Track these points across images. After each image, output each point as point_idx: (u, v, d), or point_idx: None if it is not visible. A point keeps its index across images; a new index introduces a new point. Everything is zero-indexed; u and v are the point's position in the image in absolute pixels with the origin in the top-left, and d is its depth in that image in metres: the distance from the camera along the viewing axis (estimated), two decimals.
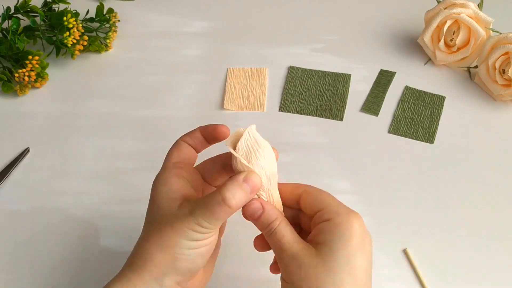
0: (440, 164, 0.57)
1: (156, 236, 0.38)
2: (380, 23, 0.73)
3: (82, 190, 0.57)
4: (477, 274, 0.50)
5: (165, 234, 0.37)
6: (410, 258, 0.51)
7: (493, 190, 0.56)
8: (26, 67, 0.63)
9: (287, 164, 0.59)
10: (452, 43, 0.65)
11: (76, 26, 0.64)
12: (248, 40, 0.71)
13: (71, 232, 0.54)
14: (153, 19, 0.73)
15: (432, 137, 0.61)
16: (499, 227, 0.54)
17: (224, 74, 0.67)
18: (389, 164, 0.58)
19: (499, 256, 0.51)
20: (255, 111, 0.63)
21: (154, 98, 0.65)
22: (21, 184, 0.58)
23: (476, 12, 0.64)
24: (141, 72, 0.67)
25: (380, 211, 0.55)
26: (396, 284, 0.50)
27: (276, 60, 0.68)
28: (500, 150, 0.60)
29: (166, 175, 0.40)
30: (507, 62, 0.61)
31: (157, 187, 0.40)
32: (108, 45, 0.68)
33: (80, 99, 0.65)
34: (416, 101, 0.64)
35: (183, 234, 0.37)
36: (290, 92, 0.65)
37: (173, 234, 0.37)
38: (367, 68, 0.67)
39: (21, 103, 0.64)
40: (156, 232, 0.38)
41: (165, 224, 0.38)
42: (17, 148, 0.60)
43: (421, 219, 0.54)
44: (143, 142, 0.61)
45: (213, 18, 0.73)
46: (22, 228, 0.54)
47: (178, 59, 0.69)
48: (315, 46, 0.70)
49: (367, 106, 0.64)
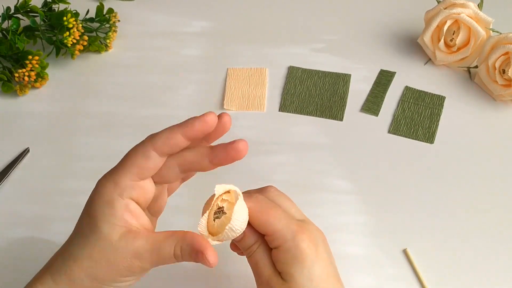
0: (440, 164, 0.57)
1: (87, 264, 0.35)
2: (380, 23, 0.73)
3: (82, 190, 0.57)
4: (477, 274, 0.50)
5: (98, 267, 0.35)
6: (410, 258, 0.51)
7: (493, 190, 0.56)
8: (26, 67, 0.63)
9: (286, 165, 0.59)
10: (452, 43, 0.65)
11: (76, 26, 0.64)
12: (248, 40, 0.71)
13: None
14: (153, 19, 0.73)
15: (432, 137, 0.61)
16: (499, 227, 0.53)
17: (224, 74, 0.67)
18: (389, 164, 0.58)
19: (499, 256, 0.51)
20: (255, 111, 0.63)
21: (154, 98, 0.65)
22: (21, 184, 0.58)
23: (476, 12, 0.64)
24: (141, 72, 0.67)
25: (380, 211, 0.55)
26: (396, 284, 0.50)
27: (276, 60, 0.68)
28: (500, 150, 0.60)
29: (115, 194, 0.36)
30: (507, 62, 0.61)
31: (99, 204, 0.36)
32: (108, 45, 0.68)
33: (80, 99, 0.65)
34: (416, 101, 0.64)
35: (119, 272, 0.35)
36: (290, 92, 0.65)
37: (108, 270, 0.35)
38: (367, 68, 0.67)
39: (21, 103, 0.64)
40: (87, 259, 0.35)
41: (101, 255, 0.35)
42: (17, 148, 0.60)
43: (421, 219, 0.54)
44: None
45: (213, 18, 0.73)
46: (22, 228, 0.54)
47: (178, 59, 0.69)
48: (315, 46, 0.70)
49: (367, 106, 0.64)
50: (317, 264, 0.37)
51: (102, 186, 0.36)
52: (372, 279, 0.50)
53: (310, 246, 0.37)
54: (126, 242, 0.35)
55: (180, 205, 0.55)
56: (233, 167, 0.58)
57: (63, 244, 0.38)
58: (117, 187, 0.36)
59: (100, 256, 0.35)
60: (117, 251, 0.35)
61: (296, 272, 0.36)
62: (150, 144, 0.36)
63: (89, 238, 0.36)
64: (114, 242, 0.35)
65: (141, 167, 0.36)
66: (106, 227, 0.35)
